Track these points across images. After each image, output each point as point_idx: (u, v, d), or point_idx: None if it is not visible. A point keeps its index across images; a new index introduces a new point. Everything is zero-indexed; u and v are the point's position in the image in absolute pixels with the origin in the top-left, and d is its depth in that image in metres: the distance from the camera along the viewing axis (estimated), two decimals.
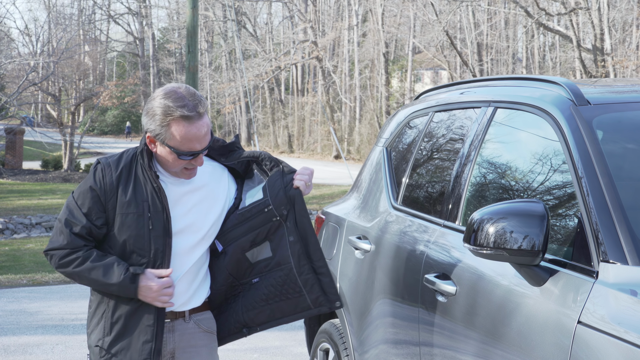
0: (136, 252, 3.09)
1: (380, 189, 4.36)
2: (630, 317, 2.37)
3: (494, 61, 43.16)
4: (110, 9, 62.96)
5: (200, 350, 3.24)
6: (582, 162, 2.86)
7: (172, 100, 2.99)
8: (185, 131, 2.99)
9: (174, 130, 2.99)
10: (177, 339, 3.20)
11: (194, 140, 3.01)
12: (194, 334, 3.22)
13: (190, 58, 14.70)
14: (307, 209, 3.30)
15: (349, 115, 48.20)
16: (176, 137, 2.99)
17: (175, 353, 3.20)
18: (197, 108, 2.99)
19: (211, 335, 3.28)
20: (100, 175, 3.10)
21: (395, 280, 3.75)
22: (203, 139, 3.02)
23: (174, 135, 2.99)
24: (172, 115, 2.98)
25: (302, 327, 7.11)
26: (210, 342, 3.27)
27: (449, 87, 4.37)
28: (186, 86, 3.07)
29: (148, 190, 3.09)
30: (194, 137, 3.00)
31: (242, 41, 50.45)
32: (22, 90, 29.52)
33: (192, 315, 3.21)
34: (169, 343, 3.19)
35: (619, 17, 33.93)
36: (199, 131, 3.00)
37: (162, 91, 3.05)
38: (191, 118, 2.98)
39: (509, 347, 2.79)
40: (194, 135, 3.00)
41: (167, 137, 3.01)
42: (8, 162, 34.48)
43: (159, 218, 3.09)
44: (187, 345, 3.21)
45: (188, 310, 3.20)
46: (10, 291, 10.27)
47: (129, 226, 3.08)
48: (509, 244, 2.70)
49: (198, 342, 3.23)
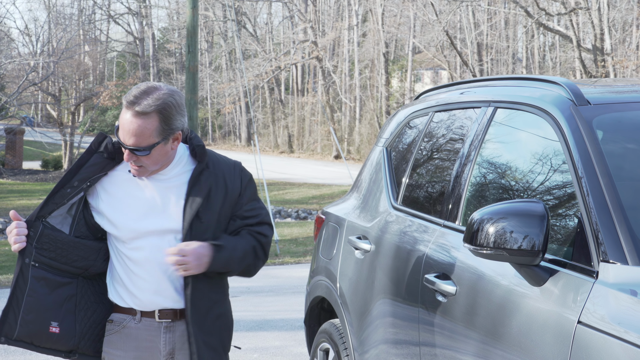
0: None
1: (380, 189, 4.36)
2: (630, 317, 2.37)
3: (494, 61, 43.16)
4: (110, 9, 62.92)
5: None
6: (582, 162, 2.86)
7: (127, 96, 3.11)
8: (121, 115, 3.08)
9: (120, 116, 3.12)
10: (177, 340, 3.19)
11: (121, 129, 3.08)
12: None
13: (190, 58, 14.71)
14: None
15: (349, 115, 48.19)
16: (119, 122, 3.11)
17: (175, 354, 3.20)
18: (135, 104, 3.04)
19: None
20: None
21: (395, 280, 3.75)
22: (129, 133, 3.05)
23: (119, 120, 3.12)
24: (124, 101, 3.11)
25: (302, 327, 7.11)
26: None
27: (449, 87, 4.37)
28: (154, 85, 3.11)
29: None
30: (122, 125, 3.08)
31: (242, 41, 50.44)
32: (22, 90, 29.53)
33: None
34: (169, 343, 3.19)
35: (619, 17, 33.92)
36: (127, 124, 3.05)
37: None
38: (127, 107, 3.05)
39: (509, 347, 2.79)
40: (122, 123, 3.07)
41: (116, 126, 3.14)
42: (8, 162, 34.48)
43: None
44: (187, 347, 3.20)
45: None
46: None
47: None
48: (509, 244, 2.70)
49: None
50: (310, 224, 20.66)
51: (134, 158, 3.08)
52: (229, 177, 3.26)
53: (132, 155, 3.07)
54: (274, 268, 12.98)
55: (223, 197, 3.23)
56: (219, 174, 3.24)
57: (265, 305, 9.22)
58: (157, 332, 3.19)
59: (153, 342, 3.20)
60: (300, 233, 18.58)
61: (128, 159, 3.08)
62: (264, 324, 8.16)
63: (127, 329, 3.21)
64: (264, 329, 7.89)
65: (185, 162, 3.24)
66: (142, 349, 3.20)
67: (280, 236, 17.03)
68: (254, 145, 22.75)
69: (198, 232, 3.16)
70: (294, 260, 13.94)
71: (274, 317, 8.48)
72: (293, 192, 29.26)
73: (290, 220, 23.22)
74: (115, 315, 3.25)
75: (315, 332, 4.85)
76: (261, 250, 3.29)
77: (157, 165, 3.14)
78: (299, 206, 25.44)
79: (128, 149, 3.06)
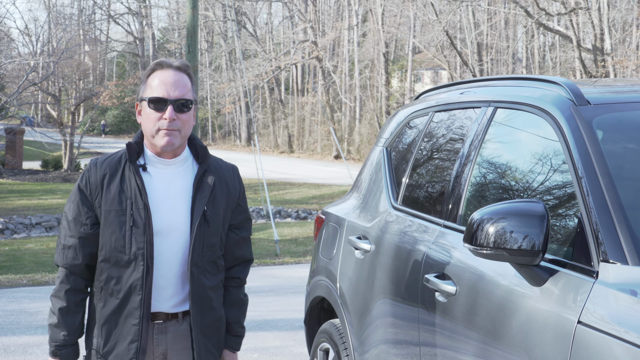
0: (117, 250, 3.09)
1: (380, 189, 4.36)
2: (630, 317, 2.37)
3: (494, 61, 43.16)
4: (110, 9, 62.95)
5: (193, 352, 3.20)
6: (582, 162, 2.86)
7: (154, 63, 3.15)
8: (157, 76, 3.08)
9: (149, 80, 3.11)
10: (169, 341, 3.17)
11: (162, 85, 3.06)
12: (187, 336, 3.18)
13: (190, 58, 14.71)
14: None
15: (349, 115, 48.20)
16: (150, 85, 3.09)
17: (167, 354, 3.18)
18: (171, 64, 3.10)
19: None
20: (87, 175, 3.15)
21: (395, 280, 3.75)
22: (172, 85, 3.06)
23: (149, 84, 3.10)
24: (150, 69, 3.12)
25: (302, 327, 7.11)
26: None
27: (449, 87, 4.37)
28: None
29: (132, 186, 3.10)
30: (162, 81, 3.07)
31: (242, 41, 50.44)
32: (22, 90, 29.51)
33: (185, 317, 3.18)
34: (161, 344, 3.16)
35: (619, 17, 33.92)
36: (170, 77, 3.08)
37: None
38: (163, 66, 3.09)
39: (509, 347, 2.79)
40: (163, 79, 3.07)
41: (144, 91, 3.11)
42: (8, 162, 34.46)
43: (140, 215, 3.07)
44: (180, 347, 3.18)
45: (182, 312, 3.17)
46: (10, 291, 10.28)
47: (111, 222, 3.09)
48: (509, 244, 2.70)
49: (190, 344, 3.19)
50: (310, 224, 20.66)
51: (174, 116, 3.07)
52: (229, 179, 3.26)
53: (174, 113, 3.06)
54: (274, 268, 12.98)
55: (226, 199, 3.22)
56: (221, 176, 3.23)
57: (265, 305, 9.22)
58: (149, 334, 3.16)
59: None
60: (300, 233, 18.58)
61: (170, 117, 3.05)
62: (264, 324, 8.16)
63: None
64: (264, 329, 7.89)
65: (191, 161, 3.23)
66: None
67: (280, 236, 17.04)
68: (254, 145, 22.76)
69: (206, 234, 3.15)
70: (294, 260, 13.95)
71: (274, 317, 8.48)
72: (293, 192, 29.26)
73: (290, 220, 23.23)
74: None
75: (315, 332, 4.85)
76: (244, 294, 3.40)
77: (185, 137, 3.13)
78: (299, 206, 25.44)
79: (172, 104, 3.05)
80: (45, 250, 16.17)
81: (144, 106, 3.12)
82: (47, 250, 16.05)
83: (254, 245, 16.91)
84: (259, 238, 17.55)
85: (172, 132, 3.08)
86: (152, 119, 3.08)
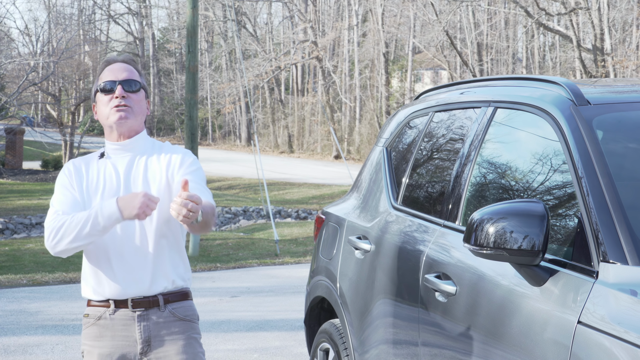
0: None
1: (380, 189, 4.36)
2: (630, 317, 2.37)
3: (494, 61, 43.16)
4: (110, 9, 62.94)
5: (176, 337, 3.27)
6: (582, 162, 2.86)
7: (102, 62, 3.43)
8: (107, 69, 3.34)
9: (100, 76, 3.35)
10: (152, 327, 3.24)
11: (110, 73, 3.31)
12: (169, 323, 3.26)
13: (190, 58, 14.71)
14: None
15: (349, 115, 48.19)
16: (101, 78, 3.33)
17: (151, 341, 3.24)
18: (118, 57, 3.37)
19: (189, 324, 3.31)
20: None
21: (396, 280, 3.75)
22: (119, 71, 3.31)
23: (100, 78, 3.34)
24: (100, 69, 3.38)
25: (302, 327, 7.12)
26: (187, 330, 3.30)
27: (449, 87, 4.37)
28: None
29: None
30: (110, 70, 3.32)
31: (242, 41, 50.44)
32: (22, 90, 29.50)
33: (167, 305, 3.26)
34: (145, 331, 3.24)
35: (619, 17, 33.92)
36: (117, 67, 3.34)
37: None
38: (110, 62, 3.36)
39: (509, 347, 2.79)
40: (112, 69, 3.33)
41: (96, 86, 3.34)
42: (8, 162, 34.46)
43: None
44: (163, 334, 3.26)
45: (162, 299, 3.25)
46: (10, 291, 10.27)
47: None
48: (509, 244, 2.70)
49: (174, 329, 3.27)
50: (310, 224, 20.67)
51: (124, 93, 3.26)
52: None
53: (123, 91, 3.26)
54: (274, 268, 12.98)
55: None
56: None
57: (265, 305, 9.22)
58: (131, 322, 3.24)
59: (129, 332, 3.25)
60: (300, 233, 18.59)
61: (120, 94, 3.25)
62: (264, 324, 8.16)
63: (102, 320, 3.26)
64: (264, 329, 7.89)
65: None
66: (118, 338, 3.25)
67: (280, 236, 17.04)
68: (254, 145, 22.74)
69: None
70: (294, 260, 13.95)
71: (274, 317, 8.48)
72: (293, 192, 29.27)
73: (290, 220, 23.23)
74: (89, 309, 3.31)
75: (315, 332, 4.85)
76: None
77: (138, 117, 3.30)
78: (299, 206, 25.45)
79: (121, 84, 3.26)
80: (45, 250, 16.16)
81: (98, 98, 3.32)
82: (47, 250, 16.04)
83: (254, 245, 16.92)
84: (259, 238, 17.56)
85: (125, 108, 3.27)
86: (105, 102, 3.28)
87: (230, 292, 9.95)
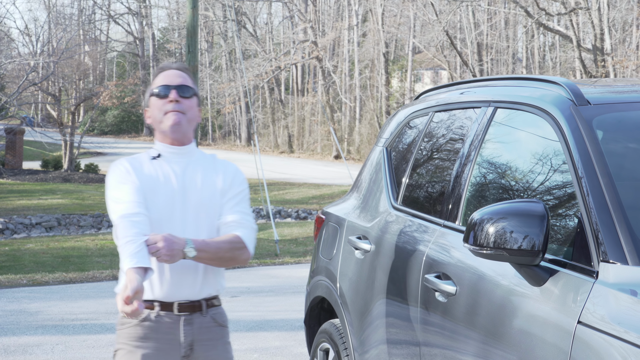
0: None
1: (380, 189, 4.36)
2: (630, 317, 2.37)
3: (494, 61, 43.16)
4: (110, 9, 62.94)
5: (216, 343, 3.35)
6: (582, 162, 2.86)
7: (157, 68, 3.50)
8: (161, 75, 3.43)
9: (154, 81, 3.43)
10: (195, 332, 3.30)
11: (165, 78, 3.39)
12: (210, 328, 3.33)
13: (190, 58, 14.70)
14: None
15: (349, 115, 48.19)
16: (155, 83, 3.41)
17: (194, 345, 3.30)
18: (172, 64, 3.45)
19: (225, 329, 3.41)
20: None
21: (396, 280, 3.75)
22: (173, 77, 3.39)
23: (154, 83, 3.41)
24: (154, 75, 3.46)
25: (302, 327, 7.11)
26: (224, 336, 3.40)
27: (449, 87, 4.37)
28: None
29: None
30: (166, 77, 3.40)
31: (242, 41, 50.44)
32: (22, 90, 29.50)
33: (209, 310, 3.34)
34: (188, 335, 3.29)
35: (619, 17, 33.93)
36: (172, 73, 3.41)
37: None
38: (165, 68, 3.45)
39: (509, 347, 2.79)
40: (166, 75, 3.41)
41: (150, 90, 3.41)
42: (8, 162, 34.44)
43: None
44: (204, 339, 3.32)
45: (205, 304, 3.32)
46: (10, 291, 10.27)
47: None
48: (509, 244, 2.70)
49: (214, 335, 3.35)
50: (310, 224, 20.67)
51: (178, 98, 3.32)
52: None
53: (178, 95, 3.33)
54: (274, 268, 12.98)
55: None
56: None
57: (265, 305, 9.22)
58: (176, 325, 3.27)
59: (173, 335, 3.27)
60: (300, 233, 18.59)
61: (174, 98, 3.31)
62: (264, 324, 8.16)
63: (146, 321, 3.27)
64: (264, 329, 7.89)
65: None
66: (162, 341, 3.27)
67: (280, 236, 17.04)
68: (254, 145, 22.73)
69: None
70: (294, 260, 13.95)
71: (274, 317, 8.48)
72: (293, 192, 29.26)
73: (290, 220, 23.24)
74: None
75: (315, 332, 4.85)
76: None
77: (191, 123, 3.36)
78: (299, 206, 25.45)
79: (175, 89, 3.33)
80: (45, 250, 16.17)
81: (151, 103, 3.38)
82: (47, 250, 16.05)
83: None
84: (259, 238, 17.53)
85: (178, 113, 3.32)
86: (159, 106, 3.34)
87: (230, 292, 9.94)
